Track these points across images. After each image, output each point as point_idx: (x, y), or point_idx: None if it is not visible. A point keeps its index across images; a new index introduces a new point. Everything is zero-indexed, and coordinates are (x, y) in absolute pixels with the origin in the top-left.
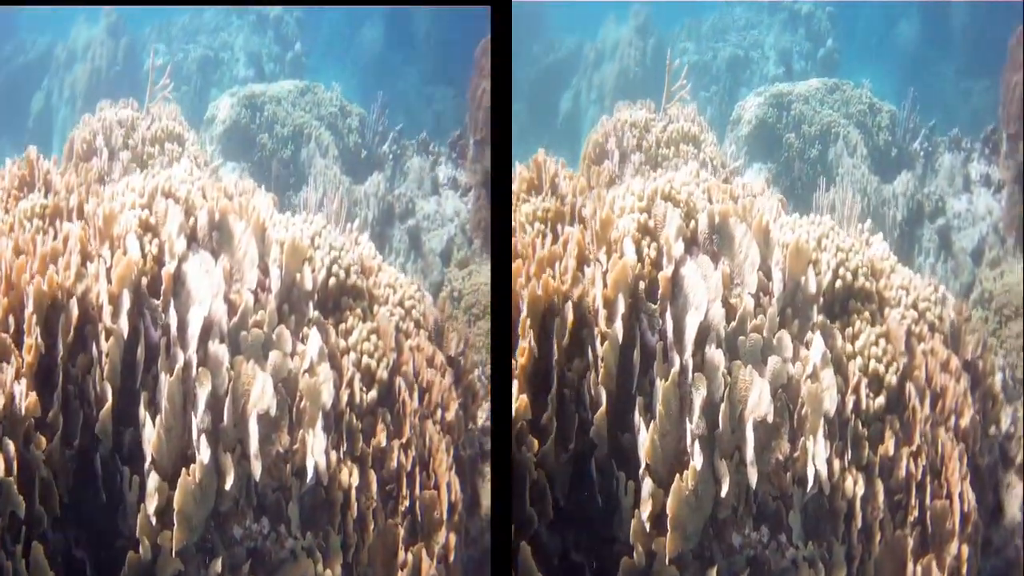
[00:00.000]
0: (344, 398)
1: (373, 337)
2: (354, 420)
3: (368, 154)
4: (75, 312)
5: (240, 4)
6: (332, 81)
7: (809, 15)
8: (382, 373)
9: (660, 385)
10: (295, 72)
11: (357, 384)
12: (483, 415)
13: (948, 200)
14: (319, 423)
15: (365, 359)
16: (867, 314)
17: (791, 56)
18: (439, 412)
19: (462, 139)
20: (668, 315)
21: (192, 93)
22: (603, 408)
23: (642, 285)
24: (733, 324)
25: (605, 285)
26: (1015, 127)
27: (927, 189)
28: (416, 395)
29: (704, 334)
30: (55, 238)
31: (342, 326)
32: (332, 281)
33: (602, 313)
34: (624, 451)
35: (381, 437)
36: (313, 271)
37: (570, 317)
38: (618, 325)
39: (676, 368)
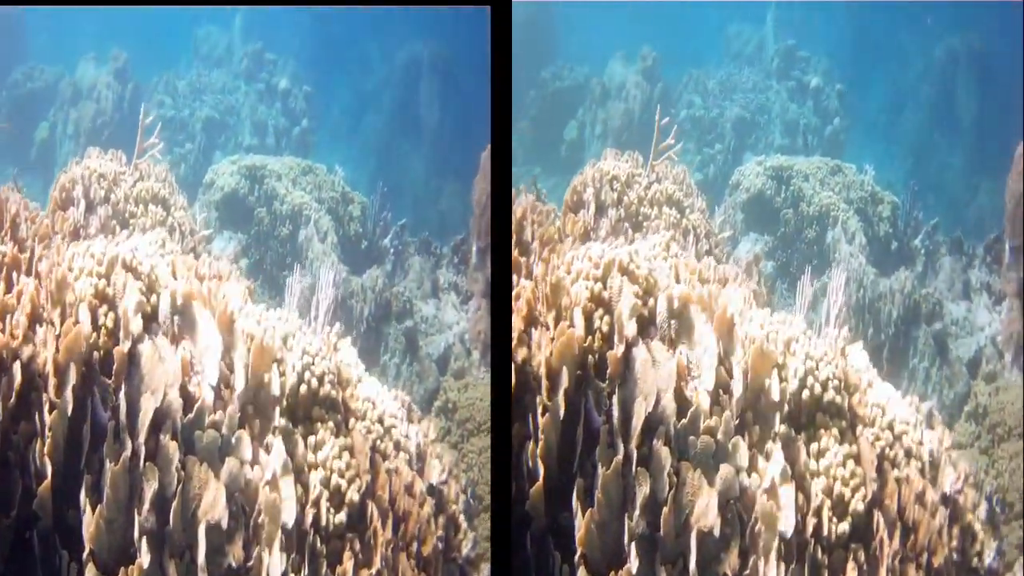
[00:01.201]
0: (309, 517)
1: (346, 455)
2: (318, 543)
3: (368, 245)
4: (18, 377)
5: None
6: (336, 164)
7: (818, 89)
8: (353, 495)
9: (601, 472)
10: (300, 148)
11: (324, 504)
12: (467, 546)
13: (947, 304)
14: (278, 542)
15: (335, 478)
16: (835, 431)
17: (797, 128)
18: (415, 545)
19: (465, 244)
20: (616, 398)
21: (196, 151)
22: (540, 483)
23: (591, 359)
24: (684, 421)
25: (550, 353)
26: (1019, 239)
27: (926, 290)
28: (390, 524)
29: (652, 426)
30: (8, 291)
31: (312, 439)
32: (303, 388)
33: (544, 384)
34: (562, 531)
35: (348, 565)
36: (282, 375)
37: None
38: (559, 399)
39: (619, 457)
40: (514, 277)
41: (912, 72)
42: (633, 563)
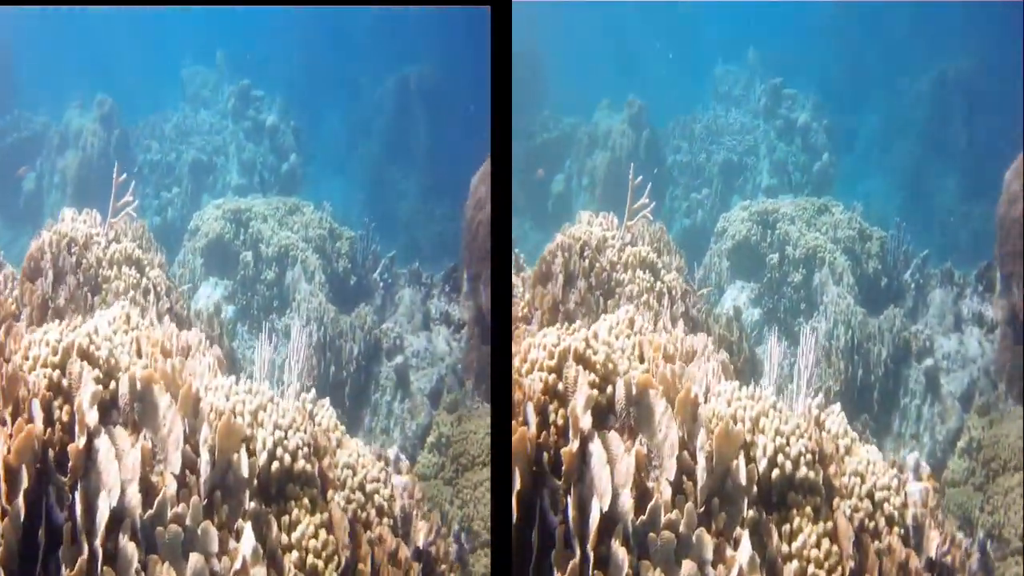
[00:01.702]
0: None
1: (322, 532)
2: None
3: (357, 280)
4: None
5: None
6: (324, 200)
7: (805, 127)
8: (331, 575)
9: None
10: (289, 183)
11: None
12: None
13: (938, 339)
14: None
15: (311, 559)
16: (809, 509)
17: (786, 167)
18: None
19: (456, 272)
20: (571, 496)
21: (183, 195)
22: None
23: (545, 456)
24: (643, 517)
25: None
26: (1010, 267)
27: (916, 327)
28: None
29: (610, 524)
30: None
31: (285, 518)
32: (275, 466)
33: None
34: None
35: None
36: (252, 455)
37: None
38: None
39: (576, 560)
40: None
41: (903, 100)
42: None
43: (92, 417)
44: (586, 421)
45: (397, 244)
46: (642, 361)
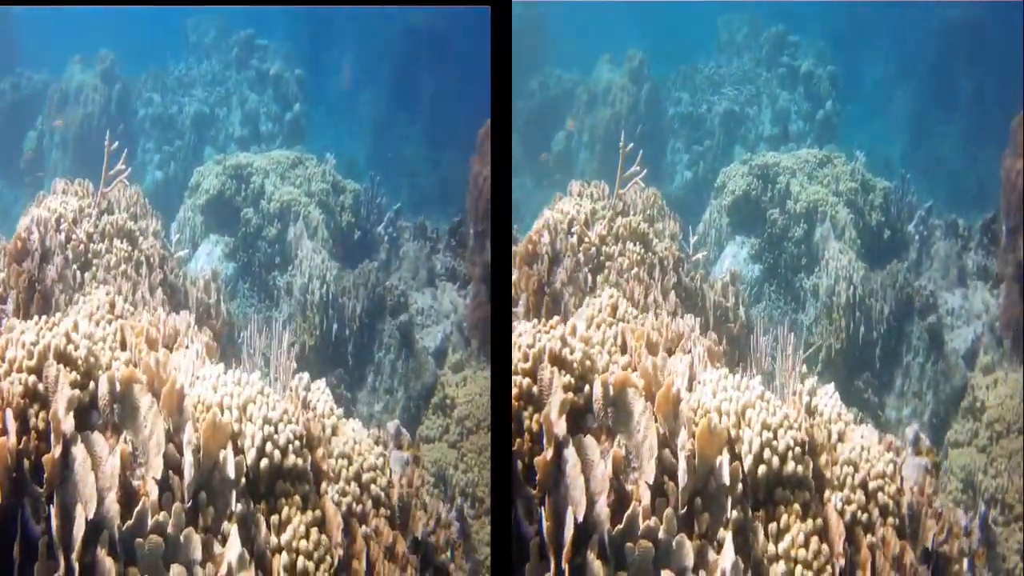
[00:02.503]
0: None
1: (314, 532)
2: None
3: (362, 235)
4: None
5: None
6: (327, 153)
7: (808, 74)
8: None
9: None
10: (293, 132)
11: None
12: None
13: (941, 294)
14: None
15: (302, 560)
16: (797, 506)
17: (788, 115)
18: None
19: (463, 225)
20: (546, 506)
21: (186, 148)
22: None
23: (520, 464)
24: (620, 526)
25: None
26: (1016, 219)
27: (919, 282)
28: None
29: (586, 534)
30: None
31: (275, 518)
32: (264, 463)
33: None
34: None
35: None
36: (239, 452)
37: None
38: None
39: (550, 573)
40: None
41: (907, 47)
42: None
43: (68, 425)
44: (560, 427)
45: (402, 196)
46: (624, 352)
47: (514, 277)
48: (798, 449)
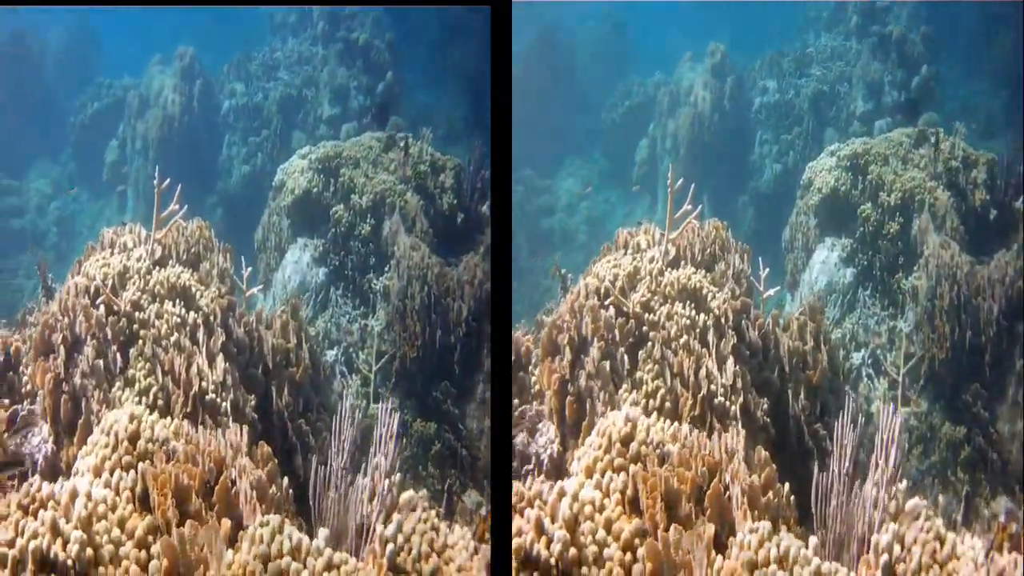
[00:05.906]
0: None
1: None
2: None
3: (465, 216)
4: None
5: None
6: (422, 125)
7: (901, 39)
8: None
9: None
10: (387, 103)
11: None
12: None
13: None
14: None
15: None
16: None
17: (882, 87)
18: None
19: None
20: None
21: (272, 136)
22: None
23: None
24: None
25: None
26: None
27: None
28: None
29: None
30: None
31: None
32: None
33: None
34: None
35: None
36: None
37: None
38: None
39: None
40: None
41: None
42: None
43: None
44: None
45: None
46: (635, 509)
47: (537, 370)
48: None
